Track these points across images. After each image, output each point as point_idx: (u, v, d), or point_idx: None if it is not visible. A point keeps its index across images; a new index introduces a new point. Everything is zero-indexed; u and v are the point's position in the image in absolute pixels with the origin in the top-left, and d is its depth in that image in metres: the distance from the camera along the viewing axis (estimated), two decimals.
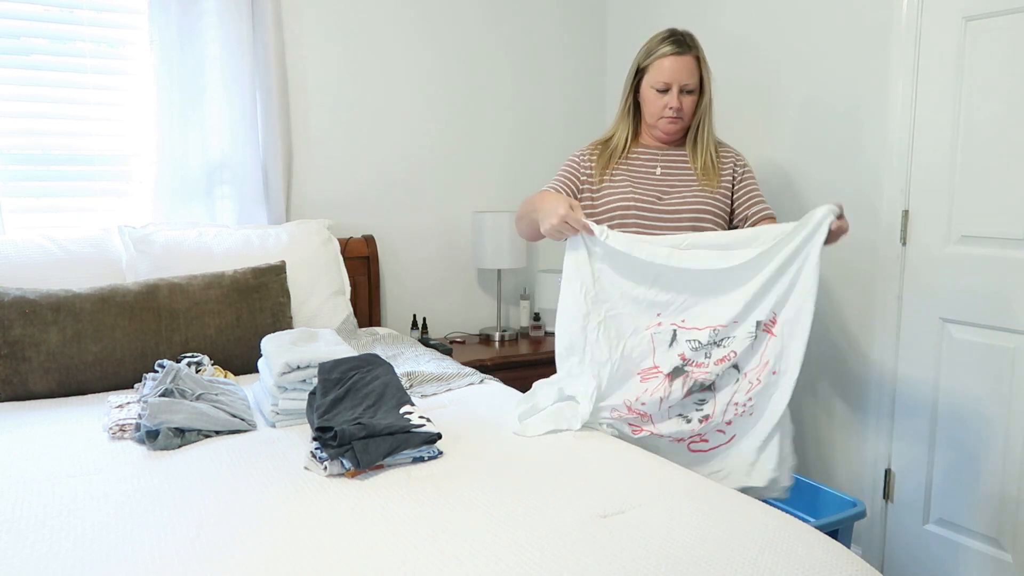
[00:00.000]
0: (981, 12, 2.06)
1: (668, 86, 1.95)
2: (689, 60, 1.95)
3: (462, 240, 3.25)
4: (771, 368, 1.74)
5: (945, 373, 2.23)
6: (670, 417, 1.79)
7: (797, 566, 1.16)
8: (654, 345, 1.79)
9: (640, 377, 1.79)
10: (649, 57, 1.97)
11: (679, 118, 1.98)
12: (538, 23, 3.31)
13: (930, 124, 2.20)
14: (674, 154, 2.06)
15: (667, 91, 1.95)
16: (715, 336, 1.76)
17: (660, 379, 1.77)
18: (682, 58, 1.94)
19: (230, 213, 2.72)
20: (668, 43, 1.95)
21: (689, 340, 1.77)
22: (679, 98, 1.95)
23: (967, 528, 2.21)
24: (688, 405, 1.79)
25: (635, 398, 1.78)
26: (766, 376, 1.75)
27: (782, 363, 1.75)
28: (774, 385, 1.75)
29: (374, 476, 1.46)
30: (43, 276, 2.21)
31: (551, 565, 1.13)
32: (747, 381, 1.76)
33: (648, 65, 1.97)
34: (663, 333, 1.79)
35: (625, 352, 1.78)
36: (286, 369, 1.79)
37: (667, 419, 1.79)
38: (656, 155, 2.06)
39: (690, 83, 1.95)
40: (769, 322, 1.75)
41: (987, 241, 2.11)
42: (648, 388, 1.78)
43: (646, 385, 1.78)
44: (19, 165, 2.46)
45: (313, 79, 2.88)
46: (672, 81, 1.94)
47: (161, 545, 1.19)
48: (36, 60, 2.46)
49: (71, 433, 1.72)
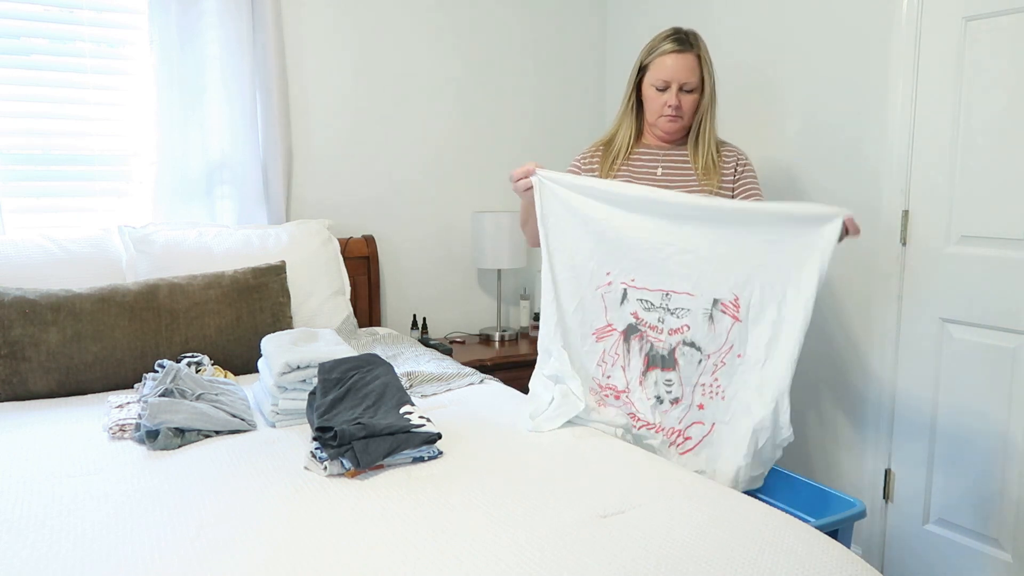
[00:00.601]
0: (981, 12, 2.06)
1: (668, 84, 1.94)
2: (690, 58, 1.94)
3: (462, 240, 3.26)
4: (735, 351, 1.74)
5: (945, 373, 2.23)
6: (647, 397, 1.81)
7: (797, 566, 1.16)
8: (605, 304, 1.82)
9: (595, 337, 1.82)
10: (651, 55, 1.97)
11: (678, 117, 1.97)
12: (538, 23, 3.31)
13: (930, 124, 2.20)
14: (675, 154, 2.06)
15: (666, 89, 1.95)
16: (667, 301, 1.77)
17: (615, 337, 1.80)
18: (683, 56, 1.93)
19: (230, 213, 2.72)
20: (670, 41, 1.94)
21: (640, 299, 1.80)
22: (678, 96, 1.94)
23: (967, 528, 2.21)
24: (657, 385, 1.81)
25: (601, 372, 1.82)
26: (730, 359, 1.74)
27: (747, 348, 1.73)
28: (739, 368, 1.74)
29: (374, 476, 1.46)
30: (43, 276, 2.21)
31: (551, 565, 1.13)
32: (711, 363, 1.77)
33: (649, 63, 1.97)
34: (613, 291, 1.81)
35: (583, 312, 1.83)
36: (286, 369, 1.79)
37: (642, 397, 1.81)
38: (657, 155, 2.06)
39: (690, 82, 1.94)
40: (731, 303, 1.73)
41: (987, 241, 2.11)
42: (605, 349, 1.82)
43: (603, 345, 1.82)
44: (19, 165, 2.46)
45: (313, 79, 2.88)
46: (672, 79, 1.93)
47: (161, 545, 1.19)
48: (36, 60, 2.46)
49: (71, 433, 1.72)
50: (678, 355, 1.79)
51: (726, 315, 1.74)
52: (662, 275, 1.78)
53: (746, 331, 1.73)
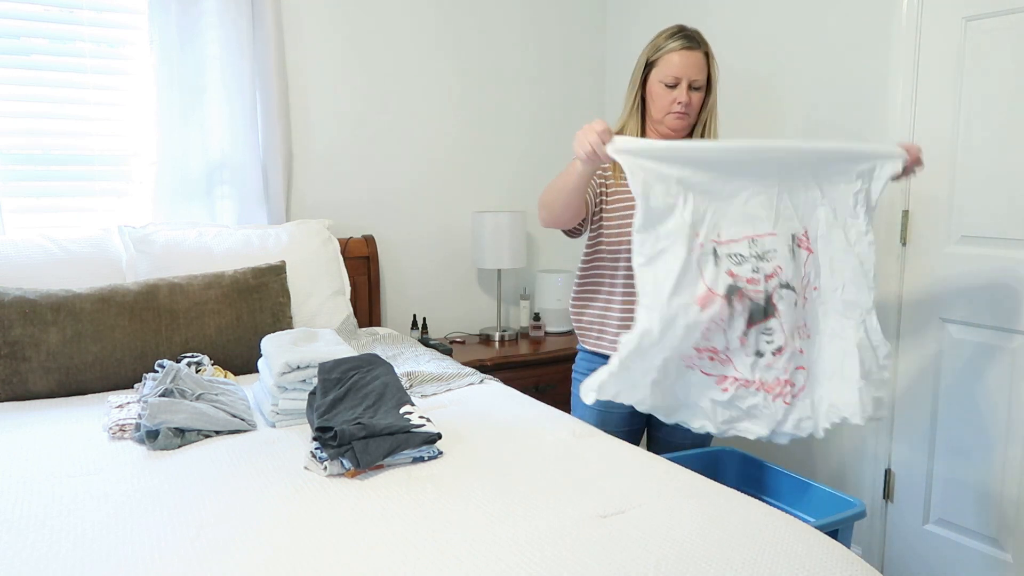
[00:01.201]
0: (981, 12, 2.06)
1: (678, 80, 1.92)
2: (699, 56, 1.93)
3: (462, 240, 3.26)
4: (811, 284, 1.72)
5: (945, 373, 2.23)
6: (746, 355, 1.69)
7: (797, 566, 1.16)
8: (701, 269, 1.67)
9: (700, 307, 1.65)
10: (659, 51, 1.95)
11: (686, 114, 1.95)
12: (538, 23, 3.31)
13: (930, 124, 2.20)
14: None
15: (676, 86, 1.92)
16: (755, 248, 1.69)
17: (718, 303, 1.65)
18: (692, 53, 1.92)
19: (230, 213, 2.72)
20: (679, 38, 1.93)
21: (730, 255, 1.68)
22: (688, 94, 1.93)
23: (967, 528, 2.21)
24: (758, 339, 1.69)
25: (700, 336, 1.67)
26: (810, 293, 1.72)
27: (821, 278, 1.72)
28: (818, 300, 1.73)
29: (374, 476, 1.46)
30: (43, 276, 2.21)
31: (551, 565, 1.13)
32: (801, 299, 1.72)
33: (657, 59, 1.95)
34: (706, 254, 1.67)
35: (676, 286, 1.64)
36: (286, 369, 1.79)
37: (741, 355, 1.69)
38: None
39: (699, 79, 1.93)
40: (803, 236, 1.71)
41: (987, 241, 2.11)
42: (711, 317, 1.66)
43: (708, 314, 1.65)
44: (19, 165, 2.46)
45: (313, 79, 2.88)
46: (682, 75, 1.91)
47: (161, 545, 1.19)
48: (36, 60, 2.47)
49: (71, 433, 1.72)
50: (776, 300, 1.69)
51: (802, 248, 1.71)
52: (744, 221, 1.69)
53: (817, 261, 1.72)
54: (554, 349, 3.00)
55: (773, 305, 1.69)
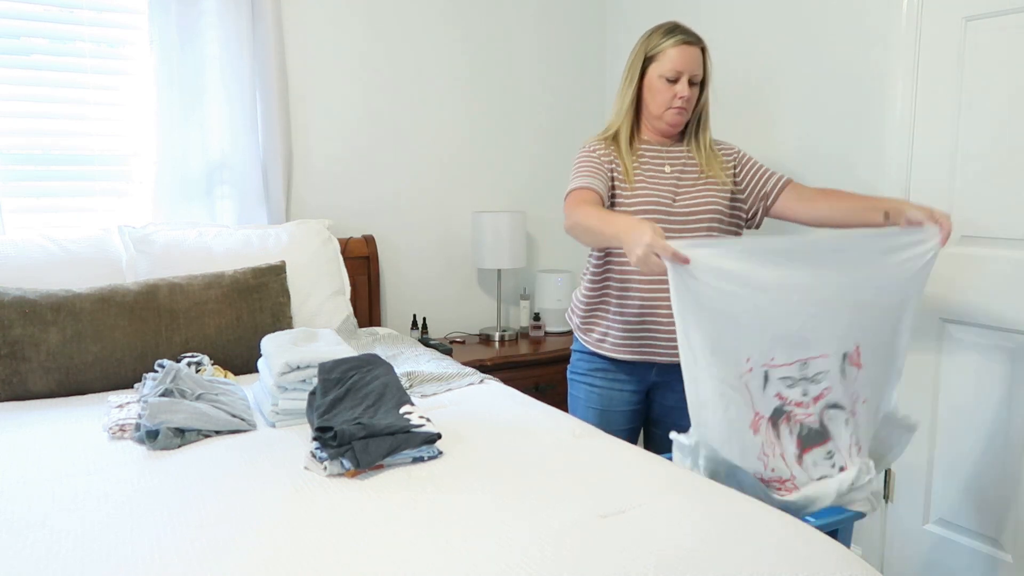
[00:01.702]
0: (981, 12, 2.06)
1: (679, 75, 1.91)
2: (697, 51, 1.93)
3: (462, 240, 3.26)
4: (861, 398, 1.68)
5: (945, 373, 2.23)
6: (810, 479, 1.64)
7: (797, 566, 1.16)
8: (751, 392, 1.59)
9: (752, 430, 1.61)
10: (658, 46, 1.93)
11: (686, 108, 1.95)
12: (538, 24, 3.31)
13: (930, 124, 2.20)
14: (676, 150, 2.01)
15: (677, 80, 1.92)
16: (806, 371, 1.62)
17: (764, 426, 1.60)
18: (692, 48, 1.92)
19: (230, 213, 2.72)
20: (678, 32, 1.93)
21: (782, 378, 1.61)
22: (689, 88, 1.93)
23: (967, 528, 2.21)
24: (817, 465, 1.64)
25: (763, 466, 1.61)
26: (860, 408, 1.68)
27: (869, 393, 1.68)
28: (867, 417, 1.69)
29: (374, 476, 1.46)
30: (43, 276, 2.21)
31: (551, 565, 1.13)
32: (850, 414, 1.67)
33: (656, 54, 1.93)
34: (756, 378, 1.59)
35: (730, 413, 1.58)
36: (286, 369, 1.79)
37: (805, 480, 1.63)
38: (660, 151, 2.01)
39: (698, 74, 1.94)
40: (854, 353, 1.65)
41: (987, 241, 2.11)
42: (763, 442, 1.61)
43: (760, 438, 1.60)
44: (19, 165, 2.46)
45: (313, 79, 2.88)
46: (683, 70, 1.91)
47: (161, 545, 1.19)
48: (36, 60, 2.47)
49: (71, 433, 1.72)
50: (826, 421, 1.64)
51: (853, 366, 1.66)
52: (798, 346, 1.62)
53: (868, 375, 1.67)
54: (554, 349, 3.00)
55: (826, 427, 1.64)
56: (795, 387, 1.61)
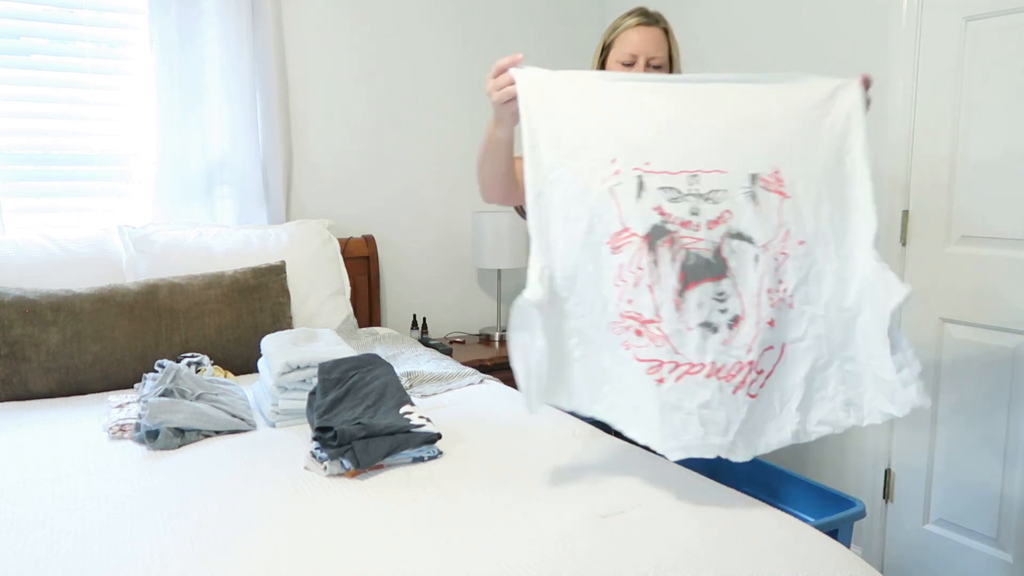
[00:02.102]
0: (981, 12, 2.06)
1: (635, 58, 1.79)
2: (656, 32, 1.81)
3: (462, 240, 3.26)
4: (795, 236, 1.34)
5: (945, 373, 2.23)
6: (688, 328, 1.29)
7: (797, 566, 1.16)
8: (617, 201, 1.33)
9: (611, 247, 1.32)
10: (614, 32, 1.87)
11: None
12: (538, 23, 3.31)
13: (930, 124, 2.20)
14: None
15: (633, 64, 1.82)
16: (696, 185, 1.34)
17: (636, 245, 1.31)
18: (648, 29, 1.81)
19: (230, 213, 2.72)
20: (634, 15, 1.85)
21: (663, 187, 1.33)
22: (646, 72, 1.81)
23: (967, 528, 2.21)
24: (703, 306, 1.31)
25: (618, 295, 1.31)
26: (792, 247, 1.33)
27: (807, 229, 1.34)
28: (806, 257, 1.34)
29: (374, 476, 1.46)
30: (43, 276, 2.21)
31: (551, 565, 1.13)
32: (770, 256, 1.33)
33: (613, 40, 1.87)
34: (625, 182, 1.33)
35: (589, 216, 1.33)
36: (286, 369, 1.79)
37: (685, 330, 1.29)
38: None
39: (657, 56, 1.80)
40: (771, 177, 1.35)
41: (987, 241, 2.11)
42: (622, 263, 1.31)
43: (619, 258, 1.31)
44: (19, 165, 2.46)
45: (313, 79, 2.88)
46: (639, 52, 1.80)
47: (161, 545, 1.19)
48: (36, 60, 2.46)
49: (71, 433, 1.72)
50: (726, 253, 1.32)
51: (770, 191, 1.34)
52: (683, 153, 1.35)
53: (799, 207, 1.34)
54: None
55: (723, 260, 1.32)
56: (680, 202, 1.33)
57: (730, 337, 1.30)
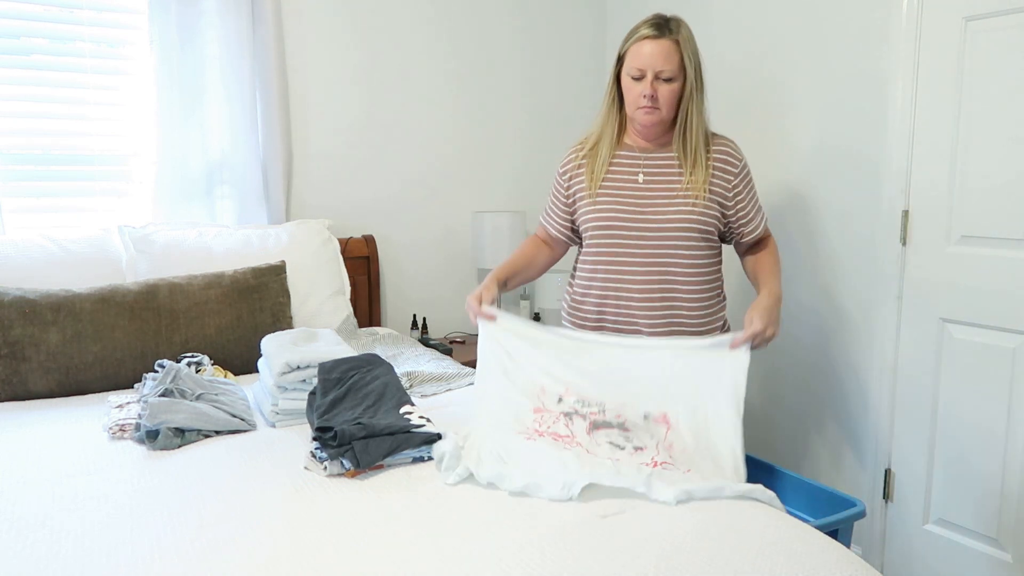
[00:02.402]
0: (981, 12, 2.06)
1: (642, 72, 1.78)
2: (666, 44, 1.77)
3: (462, 240, 3.26)
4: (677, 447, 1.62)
5: (945, 373, 2.23)
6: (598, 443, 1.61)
7: (797, 566, 1.16)
8: (543, 399, 1.71)
9: (533, 411, 1.69)
10: (627, 43, 1.85)
11: (655, 108, 1.80)
12: (537, 23, 3.31)
13: (930, 124, 2.20)
14: (659, 157, 1.89)
15: (642, 78, 1.79)
16: (604, 407, 1.69)
17: (554, 415, 1.67)
18: (658, 42, 1.77)
19: (230, 213, 2.72)
20: (646, 27, 1.81)
21: (577, 399, 1.70)
22: (653, 85, 1.78)
23: (967, 528, 2.21)
24: (613, 439, 1.63)
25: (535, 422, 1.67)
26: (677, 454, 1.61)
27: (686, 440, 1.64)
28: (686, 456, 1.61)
29: (374, 476, 1.46)
30: (43, 276, 2.21)
31: (551, 565, 1.13)
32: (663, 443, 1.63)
33: (626, 51, 1.85)
34: (548, 394, 1.71)
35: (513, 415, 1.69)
36: (286, 369, 1.79)
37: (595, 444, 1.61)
38: (639, 158, 1.90)
39: (666, 70, 1.77)
40: (660, 418, 1.66)
41: (987, 241, 2.11)
42: (541, 418, 1.67)
43: (540, 416, 1.68)
44: (19, 165, 2.46)
45: (313, 79, 2.88)
46: (646, 67, 1.77)
47: (161, 545, 1.19)
48: (36, 60, 2.46)
49: (71, 433, 1.72)
50: (629, 426, 1.65)
51: (659, 424, 1.66)
52: (594, 392, 1.70)
53: (681, 435, 1.64)
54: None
55: (625, 427, 1.65)
56: (589, 406, 1.68)
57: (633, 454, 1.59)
